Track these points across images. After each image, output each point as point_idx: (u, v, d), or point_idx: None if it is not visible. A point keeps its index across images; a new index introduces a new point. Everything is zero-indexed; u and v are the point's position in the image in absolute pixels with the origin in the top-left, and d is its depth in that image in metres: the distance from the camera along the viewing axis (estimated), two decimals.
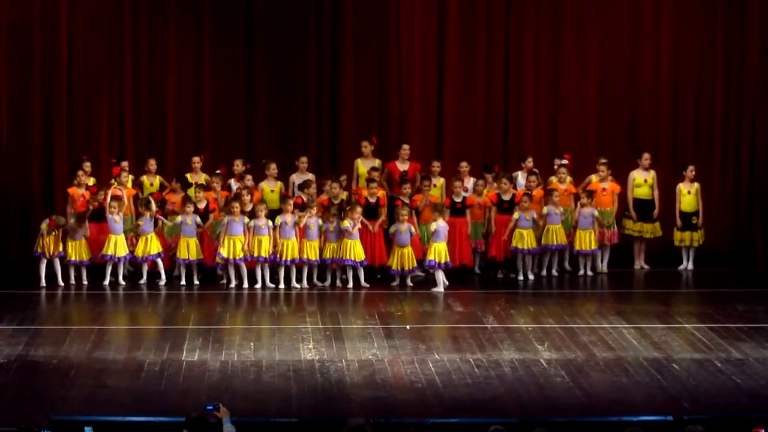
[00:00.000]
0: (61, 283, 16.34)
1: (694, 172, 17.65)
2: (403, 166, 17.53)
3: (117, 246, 16.38)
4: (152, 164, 17.21)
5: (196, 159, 17.34)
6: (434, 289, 16.26)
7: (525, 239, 16.89)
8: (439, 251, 16.31)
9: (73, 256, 16.43)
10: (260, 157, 17.82)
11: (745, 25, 18.63)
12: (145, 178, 17.20)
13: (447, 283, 16.34)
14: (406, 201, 16.91)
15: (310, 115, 18.50)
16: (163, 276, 16.58)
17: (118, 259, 16.41)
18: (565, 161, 17.53)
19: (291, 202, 16.51)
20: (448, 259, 16.41)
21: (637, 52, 18.73)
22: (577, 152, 18.11)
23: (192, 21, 18.31)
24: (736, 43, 18.67)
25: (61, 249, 16.36)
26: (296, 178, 17.27)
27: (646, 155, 17.71)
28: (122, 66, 18.17)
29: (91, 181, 16.95)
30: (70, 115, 18.06)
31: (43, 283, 16.25)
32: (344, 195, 16.96)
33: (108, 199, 16.53)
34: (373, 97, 18.64)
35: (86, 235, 16.45)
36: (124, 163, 17.24)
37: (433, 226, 16.43)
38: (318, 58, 18.45)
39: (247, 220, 16.34)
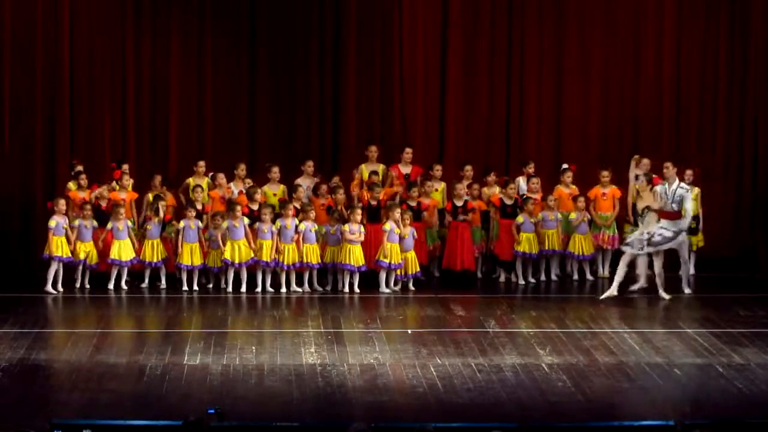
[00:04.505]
0: (60, 289, 16.30)
1: (692, 177, 17.63)
2: (405, 169, 17.54)
3: (121, 251, 16.40)
4: (157, 180, 17.14)
5: (201, 163, 17.28)
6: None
7: (529, 243, 16.91)
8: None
9: (81, 257, 16.46)
10: (262, 160, 17.84)
11: (748, 25, 18.67)
12: (150, 196, 17.14)
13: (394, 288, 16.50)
14: (413, 204, 16.93)
15: (313, 118, 18.53)
16: (164, 281, 16.59)
17: (124, 263, 16.42)
18: (566, 166, 17.54)
19: (291, 206, 16.53)
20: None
21: (640, 55, 18.77)
22: (580, 155, 18.13)
23: (195, 24, 18.35)
24: (738, 45, 18.70)
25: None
26: (302, 182, 17.26)
27: (645, 161, 17.67)
28: (125, 69, 18.21)
29: (84, 182, 16.92)
30: (72, 117, 18.08)
31: (49, 286, 16.24)
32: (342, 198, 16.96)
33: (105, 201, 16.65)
34: (375, 100, 18.67)
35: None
36: (125, 166, 17.24)
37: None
38: (320, 61, 18.48)
39: (247, 221, 16.37)
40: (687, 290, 16.38)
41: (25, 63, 17.88)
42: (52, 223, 16.27)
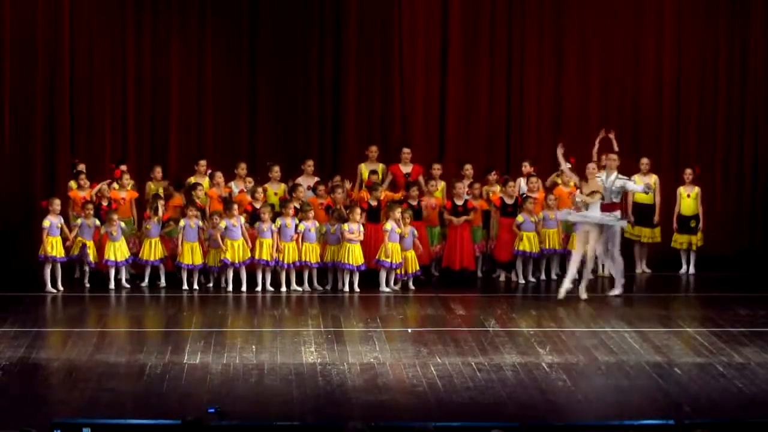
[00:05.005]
0: (61, 288, 16.31)
1: (691, 176, 17.64)
2: (405, 168, 17.53)
3: (117, 252, 16.39)
4: (158, 171, 17.17)
5: (202, 162, 17.28)
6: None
7: (530, 242, 16.92)
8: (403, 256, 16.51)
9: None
10: (262, 159, 17.84)
11: (748, 25, 18.68)
12: (151, 185, 17.16)
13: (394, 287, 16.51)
14: (414, 203, 16.92)
15: (313, 118, 18.53)
16: (163, 279, 16.60)
17: (120, 263, 16.42)
18: (568, 165, 17.51)
19: (291, 205, 16.53)
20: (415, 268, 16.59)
21: (640, 54, 18.79)
22: (580, 154, 18.11)
23: (195, 24, 18.35)
24: (738, 44, 18.72)
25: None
26: (302, 182, 17.27)
27: (645, 160, 17.70)
28: (125, 69, 18.21)
29: (84, 182, 16.93)
30: (72, 117, 18.08)
31: (49, 287, 16.23)
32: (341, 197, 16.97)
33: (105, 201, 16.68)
34: (375, 99, 18.68)
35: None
36: (123, 167, 17.24)
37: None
38: (320, 61, 18.49)
39: (243, 220, 16.39)
40: (616, 291, 16.15)
41: (25, 63, 17.88)
42: (45, 223, 16.26)
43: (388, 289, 16.43)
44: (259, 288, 16.40)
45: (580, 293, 15.87)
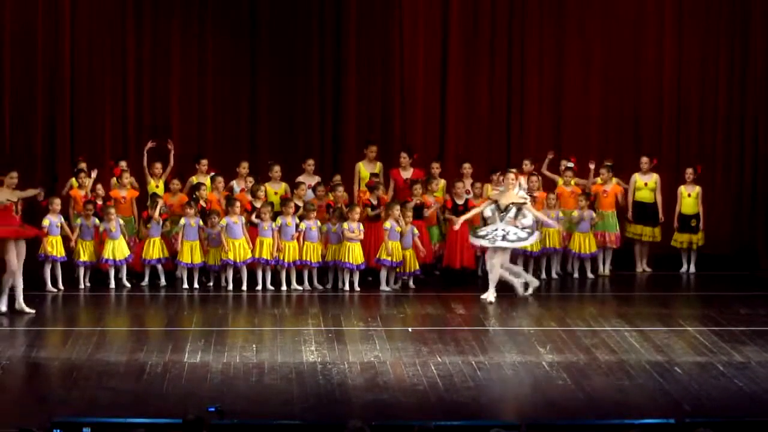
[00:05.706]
0: (61, 287, 16.32)
1: (692, 175, 17.64)
2: (406, 174, 17.50)
3: (115, 250, 16.39)
4: (157, 167, 17.18)
5: (204, 161, 17.27)
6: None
7: None
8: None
9: (81, 257, 16.43)
10: (263, 159, 17.84)
11: (748, 25, 18.67)
12: (150, 181, 17.19)
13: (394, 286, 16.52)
14: (418, 202, 16.89)
15: (313, 118, 18.54)
16: (163, 279, 16.60)
17: (119, 262, 16.42)
18: (570, 164, 17.53)
19: (292, 204, 16.54)
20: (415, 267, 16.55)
21: (640, 53, 18.79)
22: (581, 153, 18.15)
23: (195, 24, 18.36)
24: (739, 44, 18.71)
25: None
26: (303, 181, 17.24)
27: (644, 159, 17.70)
28: (125, 69, 18.22)
29: (87, 181, 16.92)
30: (72, 117, 18.09)
31: (49, 286, 16.23)
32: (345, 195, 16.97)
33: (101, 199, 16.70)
34: (376, 98, 18.69)
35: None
36: (123, 163, 17.23)
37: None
38: (320, 61, 18.50)
39: (243, 220, 16.39)
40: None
41: (25, 63, 17.89)
42: (45, 222, 16.24)
43: (388, 288, 16.43)
44: (259, 287, 16.41)
45: (488, 296, 15.77)
